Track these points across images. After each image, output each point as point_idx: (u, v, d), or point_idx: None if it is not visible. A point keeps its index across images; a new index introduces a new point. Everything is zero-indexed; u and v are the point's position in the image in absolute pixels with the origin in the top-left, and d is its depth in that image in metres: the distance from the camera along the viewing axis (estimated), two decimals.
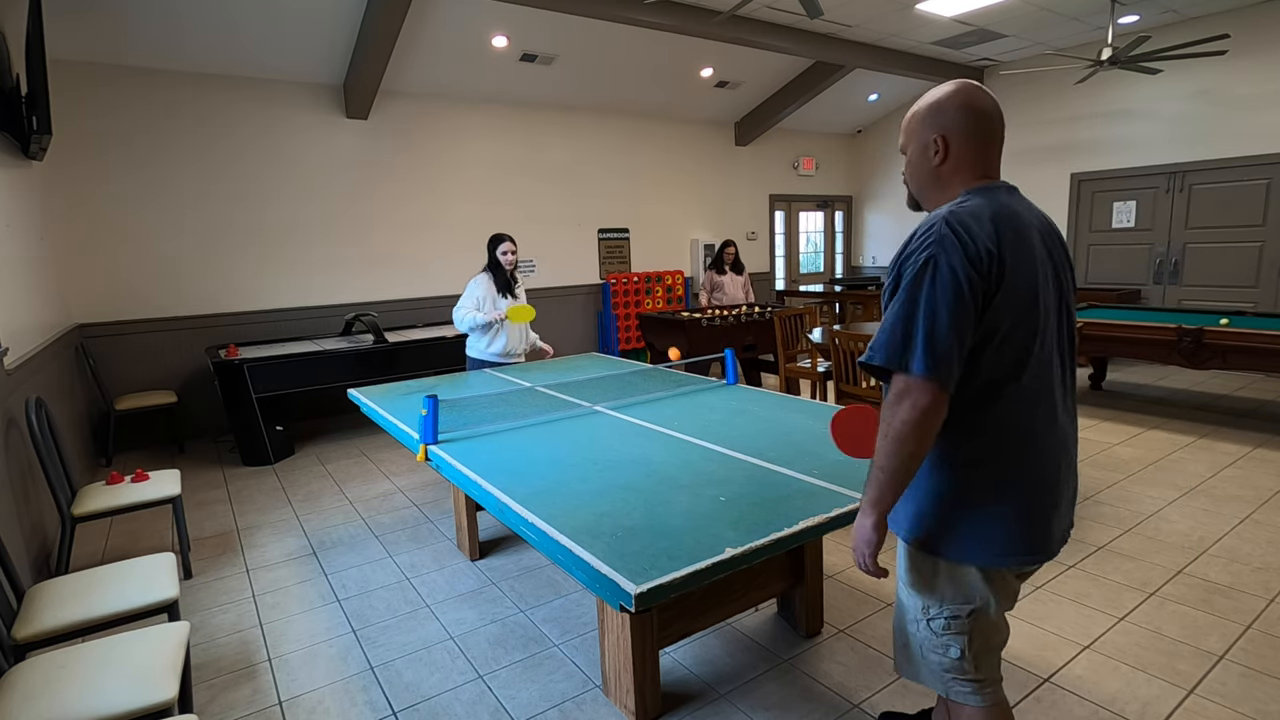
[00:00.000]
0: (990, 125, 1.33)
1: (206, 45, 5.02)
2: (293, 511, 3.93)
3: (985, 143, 1.33)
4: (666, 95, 7.42)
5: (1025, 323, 1.26)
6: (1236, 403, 5.44)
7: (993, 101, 1.34)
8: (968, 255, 1.21)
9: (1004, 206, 1.28)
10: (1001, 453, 1.28)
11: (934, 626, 1.38)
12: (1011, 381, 1.26)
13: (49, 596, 2.11)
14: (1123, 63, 5.49)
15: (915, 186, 1.42)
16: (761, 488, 1.92)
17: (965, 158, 1.33)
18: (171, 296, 5.39)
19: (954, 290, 1.20)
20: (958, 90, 1.33)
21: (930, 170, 1.36)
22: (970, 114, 1.32)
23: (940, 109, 1.33)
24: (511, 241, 4.06)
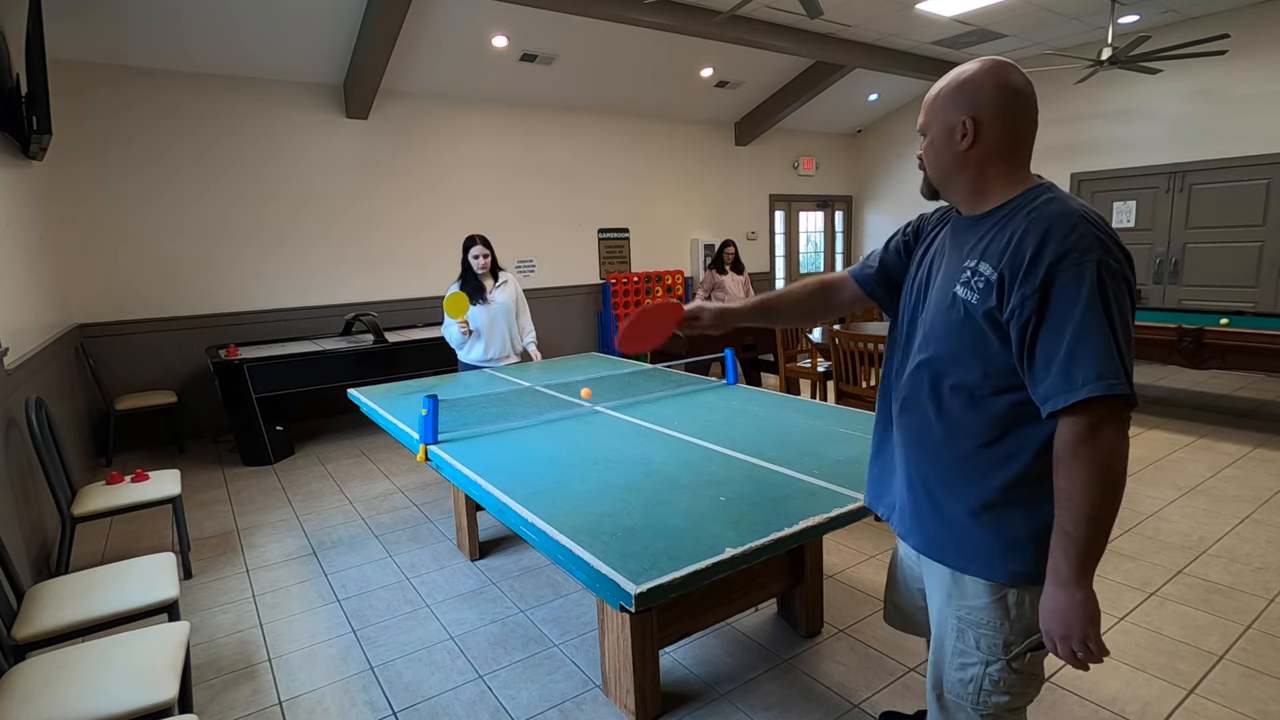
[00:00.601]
0: (1029, 109, 1.16)
1: (206, 45, 5.02)
2: (293, 511, 3.93)
3: (1025, 129, 1.17)
4: (666, 95, 7.42)
5: None
6: (1236, 403, 5.44)
7: (1028, 82, 1.17)
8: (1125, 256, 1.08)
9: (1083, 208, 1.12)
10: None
11: (1016, 665, 1.22)
12: None
13: (49, 596, 2.11)
14: (1123, 63, 5.49)
15: (936, 173, 1.25)
16: (761, 488, 1.92)
17: (999, 143, 1.16)
18: (171, 296, 5.39)
19: (1122, 294, 1.06)
20: (993, 67, 1.15)
21: (957, 155, 1.19)
22: (1007, 95, 1.14)
23: (973, 87, 1.16)
24: (483, 244, 3.92)
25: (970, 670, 1.26)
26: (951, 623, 1.27)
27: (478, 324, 3.92)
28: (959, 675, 1.28)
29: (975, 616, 1.24)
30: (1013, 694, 1.24)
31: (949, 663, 1.29)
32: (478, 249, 3.92)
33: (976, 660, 1.25)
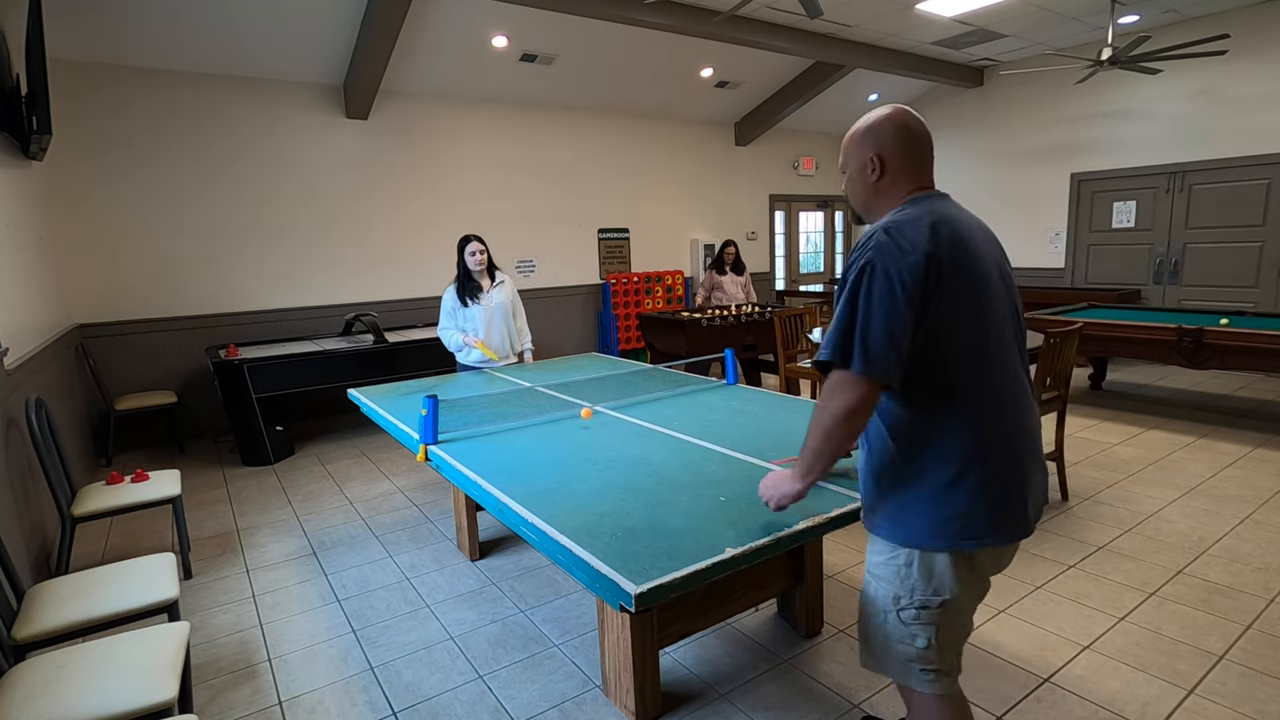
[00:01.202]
0: (921, 143, 1.44)
1: (207, 45, 5.02)
2: (293, 511, 3.93)
3: (918, 159, 1.44)
4: (666, 95, 7.42)
5: (975, 319, 1.34)
6: (1236, 403, 5.44)
7: (922, 123, 1.46)
8: (903, 259, 1.30)
9: (939, 212, 1.37)
10: (966, 443, 1.34)
11: (904, 617, 1.43)
12: (969, 375, 1.34)
13: (49, 596, 2.11)
14: (1123, 63, 5.49)
15: (857, 202, 1.52)
16: None
17: (900, 173, 1.43)
18: (171, 296, 5.39)
19: (888, 292, 1.29)
20: (891, 113, 1.44)
21: (869, 186, 1.46)
22: (904, 133, 1.43)
23: (876, 130, 1.44)
24: (479, 241, 3.91)
25: (875, 619, 1.49)
26: (867, 576, 1.52)
27: (475, 325, 3.92)
28: (869, 622, 1.51)
29: (877, 570, 1.47)
30: (904, 645, 1.45)
31: (867, 610, 1.52)
32: (474, 246, 3.90)
33: (879, 609, 1.48)
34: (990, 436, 1.34)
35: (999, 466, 1.35)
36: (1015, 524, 1.38)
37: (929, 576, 1.39)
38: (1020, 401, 1.40)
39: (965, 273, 1.33)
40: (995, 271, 1.40)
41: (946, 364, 1.33)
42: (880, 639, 1.49)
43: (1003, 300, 1.40)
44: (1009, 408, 1.37)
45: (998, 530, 1.36)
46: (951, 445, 1.34)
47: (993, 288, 1.38)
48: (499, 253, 6.91)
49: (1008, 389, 1.37)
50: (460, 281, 3.94)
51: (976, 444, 1.34)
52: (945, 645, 1.44)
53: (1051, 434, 3.72)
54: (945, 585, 1.39)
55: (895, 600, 1.43)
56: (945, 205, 1.41)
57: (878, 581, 1.47)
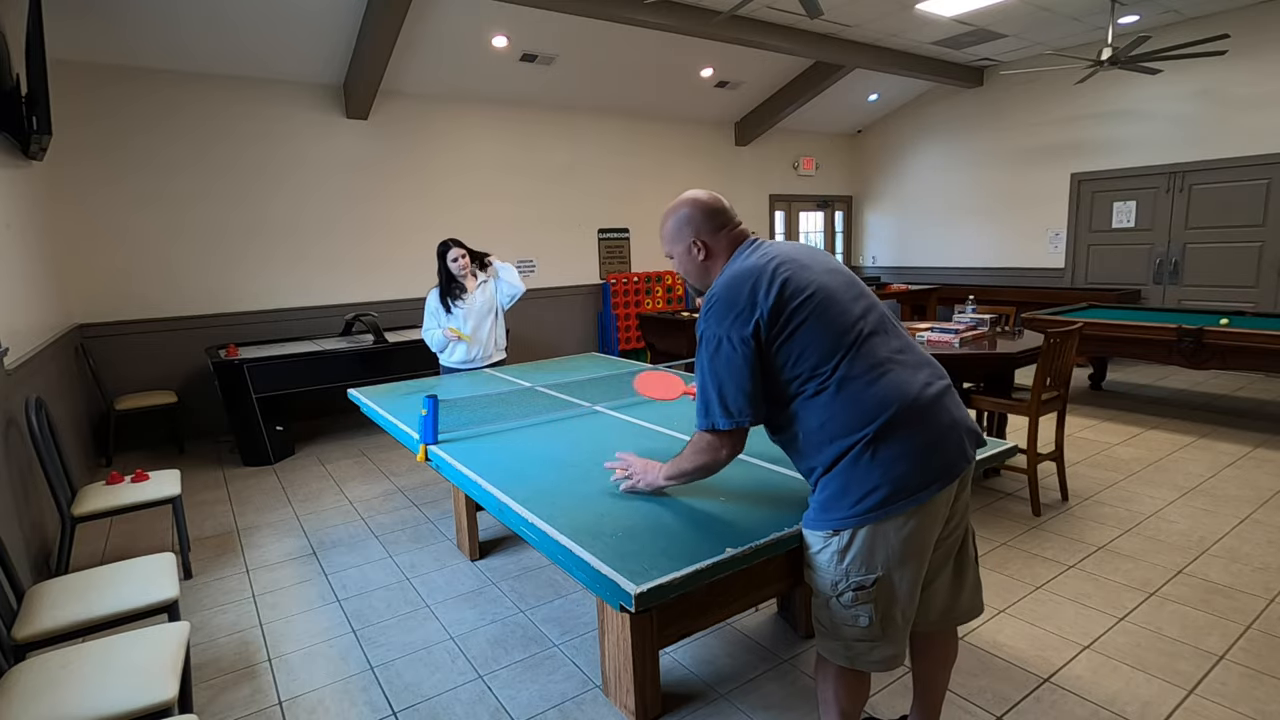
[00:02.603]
0: (724, 213, 1.67)
1: (207, 45, 5.02)
2: (293, 511, 3.93)
3: (724, 227, 1.66)
4: (666, 95, 7.41)
5: (819, 321, 1.47)
6: (1236, 403, 5.44)
7: (715, 197, 1.69)
8: (725, 320, 1.49)
9: (748, 261, 1.56)
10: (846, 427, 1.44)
11: (843, 600, 1.51)
12: (834, 365, 1.46)
13: (49, 596, 2.11)
14: (1123, 63, 5.49)
15: (693, 280, 1.72)
16: (761, 488, 1.92)
17: (718, 245, 1.66)
18: (171, 296, 5.39)
19: (728, 354, 1.49)
20: (692, 199, 1.67)
21: (699, 265, 1.68)
22: (708, 213, 1.65)
23: (686, 219, 1.66)
24: (460, 246, 3.85)
25: (820, 608, 1.59)
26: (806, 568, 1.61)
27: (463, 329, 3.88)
28: (818, 611, 1.61)
29: (812, 561, 1.57)
30: (849, 627, 1.53)
31: (814, 599, 1.61)
32: (455, 250, 3.83)
33: (820, 597, 1.57)
34: (870, 412, 1.43)
35: (886, 434, 1.42)
36: (947, 465, 1.46)
37: (862, 556, 1.47)
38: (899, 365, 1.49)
39: (796, 294, 1.47)
40: (822, 272, 1.54)
41: (811, 373, 1.47)
42: (828, 624, 1.57)
43: (843, 291, 1.53)
44: (884, 381, 1.45)
45: (929, 479, 1.44)
46: (835, 432, 1.45)
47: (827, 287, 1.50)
48: (500, 252, 6.91)
49: (878, 365, 1.47)
50: (442, 285, 3.90)
51: (857, 424, 1.43)
52: (887, 622, 1.51)
53: (1052, 434, 3.72)
54: (877, 561, 1.46)
55: (833, 586, 1.52)
56: (753, 254, 1.59)
57: (814, 571, 1.56)
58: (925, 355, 1.58)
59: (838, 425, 1.45)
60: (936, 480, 1.44)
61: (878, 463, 1.42)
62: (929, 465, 1.44)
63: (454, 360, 3.98)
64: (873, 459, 1.42)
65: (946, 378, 1.57)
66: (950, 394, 1.54)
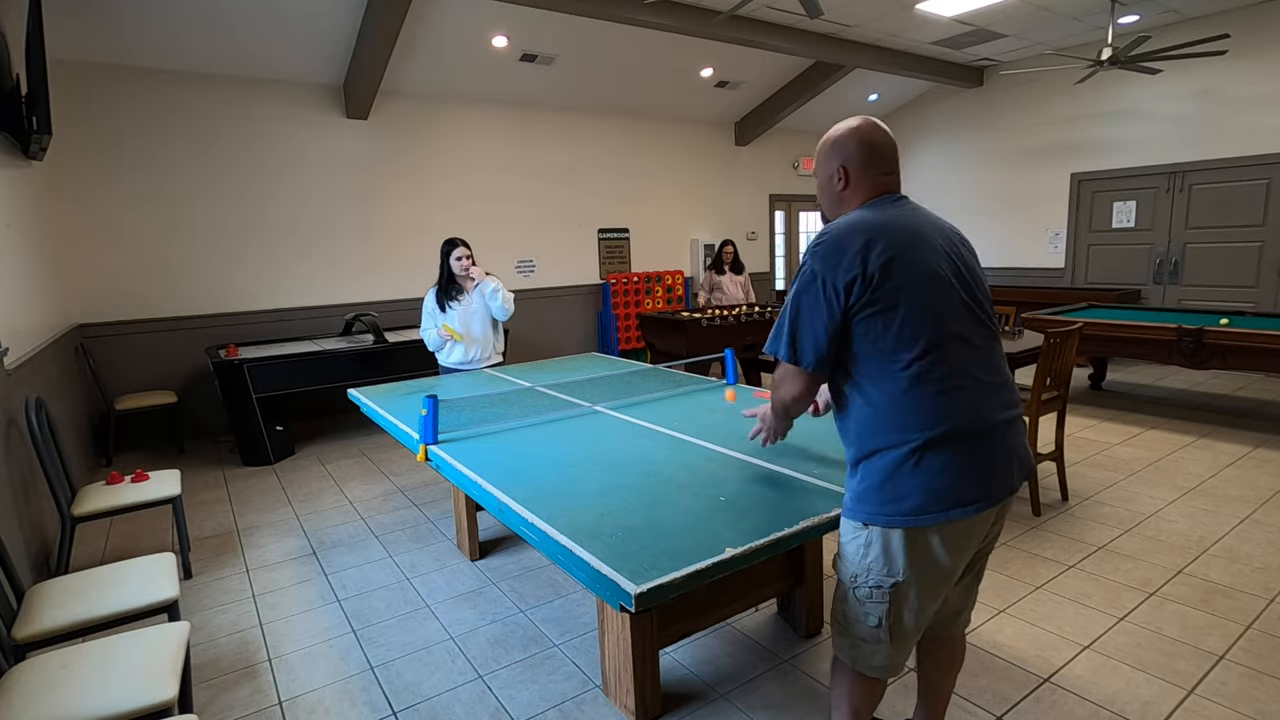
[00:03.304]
0: (883, 156, 1.56)
1: (207, 45, 5.02)
2: (293, 511, 3.93)
3: (879, 170, 1.55)
4: (666, 95, 7.41)
5: (912, 308, 1.40)
6: (1236, 403, 5.44)
7: (886, 134, 1.57)
8: (828, 262, 1.43)
9: (879, 215, 1.48)
10: (917, 422, 1.40)
11: (859, 594, 1.52)
12: (913, 358, 1.40)
13: (49, 596, 2.11)
14: (1123, 63, 5.49)
15: (826, 209, 1.65)
16: (761, 488, 1.92)
17: (862, 182, 1.56)
18: (171, 296, 5.39)
19: (813, 292, 1.44)
20: (857, 127, 1.56)
21: (835, 194, 1.60)
22: (865, 147, 1.54)
23: (842, 144, 1.56)
24: (464, 246, 3.87)
25: (839, 596, 1.59)
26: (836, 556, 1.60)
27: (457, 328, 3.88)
28: (836, 604, 1.61)
29: (842, 550, 1.55)
30: (858, 623, 1.54)
31: (836, 592, 1.62)
32: (460, 249, 3.85)
33: (842, 589, 1.57)
34: (929, 420, 1.39)
35: (938, 446, 1.39)
36: (986, 491, 1.42)
37: (886, 556, 1.46)
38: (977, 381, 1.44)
39: (895, 269, 1.40)
40: (944, 263, 1.47)
41: (887, 358, 1.41)
42: (842, 618, 1.58)
43: (951, 289, 1.46)
44: (955, 395, 1.41)
45: (966, 499, 1.41)
46: (888, 426, 1.42)
47: (938, 279, 1.44)
48: (500, 252, 6.92)
49: (954, 376, 1.42)
50: (441, 285, 3.90)
51: (912, 426, 1.40)
52: (895, 628, 1.50)
53: (1051, 434, 3.72)
54: (898, 566, 1.45)
55: (852, 579, 1.52)
56: (889, 209, 1.50)
57: (841, 560, 1.56)
58: (1006, 375, 1.52)
59: (894, 421, 1.41)
60: (975, 502, 1.41)
61: (921, 471, 1.39)
62: (970, 487, 1.41)
63: (451, 361, 3.98)
64: (916, 466, 1.39)
65: (1019, 406, 1.53)
66: (1016, 424, 1.50)
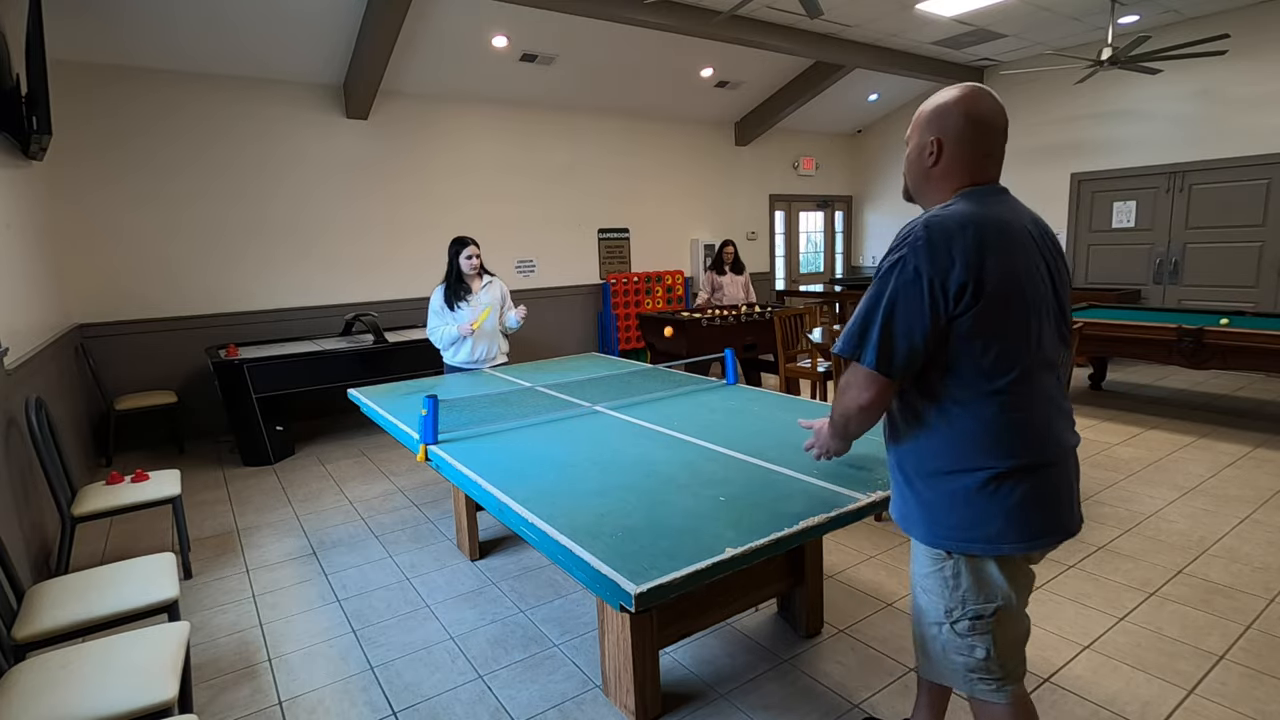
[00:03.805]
0: (988, 135, 1.35)
1: (207, 45, 5.02)
2: (293, 511, 3.93)
3: (982, 151, 1.36)
4: (666, 95, 7.41)
5: (1015, 326, 1.29)
6: (1236, 403, 5.44)
7: (997, 109, 1.36)
8: (936, 261, 1.25)
9: (988, 212, 1.31)
10: (1006, 449, 1.31)
11: (958, 629, 1.39)
12: (1008, 382, 1.30)
13: (49, 596, 2.11)
14: (1123, 63, 5.49)
15: (910, 183, 1.47)
16: (761, 488, 1.92)
17: (957, 162, 1.36)
18: (171, 296, 5.39)
19: (915, 291, 1.26)
20: (962, 96, 1.35)
21: (924, 170, 1.41)
22: (968, 122, 1.34)
23: (944, 112, 1.36)
24: (474, 245, 3.90)
25: (931, 629, 1.45)
26: (916, 589, 1.48)
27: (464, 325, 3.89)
28: (928, 631, 1.47)
29: (924, 582, 1.44)
30: (963, 656, 1.41)
31: (919, 619, 1.49)
32: (470, 249, 3.90)
33: (932, 621, 1.44)
34: (1028, 445, 1.31)
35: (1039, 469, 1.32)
36: (1065, 521, 1.36)
37: (979, 585, 1.36)
38: (1056, 405, 1.37)
39: (1010, 278, 1.27)
40: (1039, 276, 1.34)
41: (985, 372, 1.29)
42: (937, 650, 1.45)
43: (1048, 306, 1.35)
44: (1042, 412, 1.33)
45: (1050, 530, 1.33)
46: (986, 450, 1.31)
47: (1033, 293, 1.31)
48: (500, 252, 6.92)
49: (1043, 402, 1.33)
50: (449, 283, 3.92)
51: (1017, 444, 1.30)
52: (1006, 650, 1.40)
53: None
54: (998, 591, 1.35)
55: (948, 613, 1.40)
56: (1000, 203, 1.35)
57: (926, 594, 1.43)
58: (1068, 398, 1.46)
59: (978, 445, 1.31)
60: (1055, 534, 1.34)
61: (1004, 497, 1.30)
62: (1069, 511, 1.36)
63: (458, 360, 3.99)
64: (996, 492, 1.30)
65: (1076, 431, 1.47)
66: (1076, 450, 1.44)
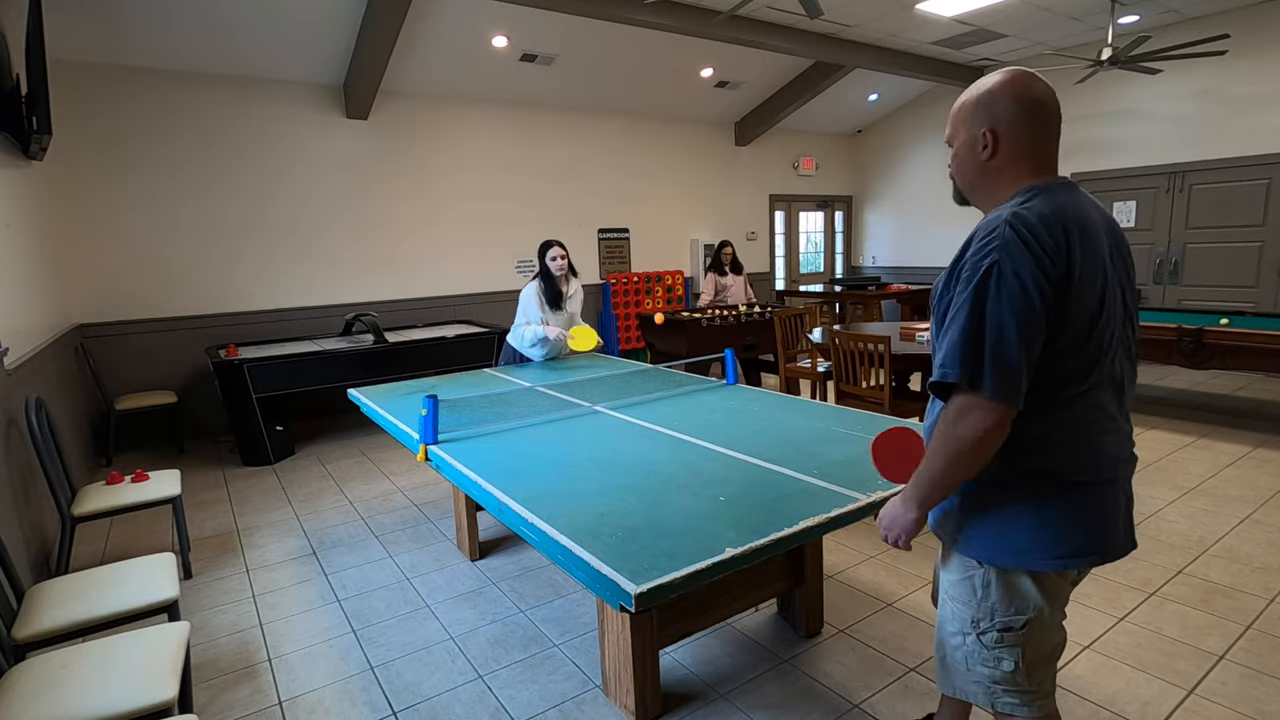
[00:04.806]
0: (1046, 117, 1.24)
1: (207, 45, 5.02)
2: (293, 511, 3.93)
3: (1040, 136, 1.25)
4: (666, 95, 7.42)
5: (1093, 330, 1.19)
6: (1236, 403, 5.44)
7: (1049, 91, 1.25)
8: (1036, 261, 1.13)
9: (1070, 206, 1.20)
10: (1062, 458, 1.23)
11: (985, 640, 1.31)
12: (1076, 388, 1.21)
13: (49, 596, 2.11)
14: (1123, 63, 5.49)
15: (963, 182, 1.34)
16: (761, 488, 1.92)
17: (1017, 152, 1.24)
18: (171, 296, 5.39)
19: (1022, 300, 1.12)
20: (1010, 79, 1.24)
21: (978, 165, 1.28)
22: (1023, 105, 1.23)
23: (991, 99, 1.24)
24: (560, 246, 3.94)
25: (956, 638, 1.37)
26: (943, 596, 1.40)
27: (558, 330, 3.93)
28: (953, 641, 1.38)
29: (953, 590, 1.36)
30: (988, 668, 1.33)
31: (945, 629, 1.40)
32: (555, 249, 3.92)
33: (958, 630, 1.36)
34: (1078, 453, 1.23)
35: (1093, 482, 1.24)
36: (1109, 542, 1.27)
37: (1010, 596, 1.28)
38: (1119, 415, 1.27)
39: (1090, 281, 1.18)
40: (1116, 276, 1.25)
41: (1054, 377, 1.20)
42: (958, 661, 1.37)
43: (1119, 308, 1.25)
44: (1104, 422, 1.24)
45: (1087, 550, 1.24)
46: (1042, 463, 1.23)
47: (1111, 296, 1.22)
48: (500, 252, 6.93)
49: (1108, 401, 1.24)
50: (544, 284, 3.93)
51: (1061, 458, 1.22)
52: (1035, 664, 1.32)
53: None
54: (1029, 604, 1.27)
55: (974, 624, 1.32)
56: (1075, 198, 1.23)
57: (953, 601, 1.36)
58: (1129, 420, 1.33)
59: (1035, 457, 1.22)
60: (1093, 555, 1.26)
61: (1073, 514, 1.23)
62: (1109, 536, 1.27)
63: (535, 354, 4.05)
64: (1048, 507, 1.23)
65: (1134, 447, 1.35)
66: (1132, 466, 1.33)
